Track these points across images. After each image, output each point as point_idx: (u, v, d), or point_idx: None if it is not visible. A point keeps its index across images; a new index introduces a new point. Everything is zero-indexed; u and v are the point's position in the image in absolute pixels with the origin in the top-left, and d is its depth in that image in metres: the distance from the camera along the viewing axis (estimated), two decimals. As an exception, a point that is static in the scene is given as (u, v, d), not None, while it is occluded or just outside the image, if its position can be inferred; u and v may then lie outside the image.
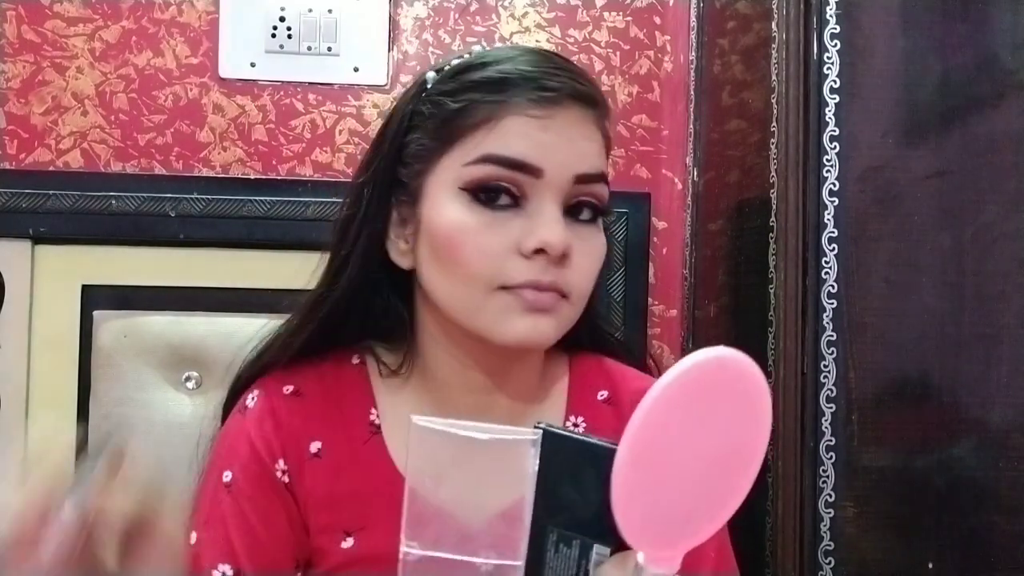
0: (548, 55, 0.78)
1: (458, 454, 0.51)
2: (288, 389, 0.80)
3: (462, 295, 0.73)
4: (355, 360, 0.83)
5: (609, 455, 0.52)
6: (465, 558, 0.51)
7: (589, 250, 0.75)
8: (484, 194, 0.72)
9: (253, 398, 0.80)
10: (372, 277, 0.79)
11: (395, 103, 0.81)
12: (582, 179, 0.73)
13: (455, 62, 0.78)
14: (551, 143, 0.72)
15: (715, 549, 0.79)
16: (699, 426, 0.51)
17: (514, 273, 0.71)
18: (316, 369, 0.81)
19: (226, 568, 0.74)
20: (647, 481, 0.51)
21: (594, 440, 0.56)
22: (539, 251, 0.71)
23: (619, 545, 0.55)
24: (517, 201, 0.72)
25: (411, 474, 0.51)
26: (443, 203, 0.73)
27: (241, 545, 0.75)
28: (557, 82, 0.73)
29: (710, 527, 0.52)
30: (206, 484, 0.79)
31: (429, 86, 0.77)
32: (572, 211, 0.74)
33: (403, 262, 0.78)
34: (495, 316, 0.72)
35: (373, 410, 0.80)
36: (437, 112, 0.75)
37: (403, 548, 0.52)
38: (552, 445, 0.54)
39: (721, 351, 0.51)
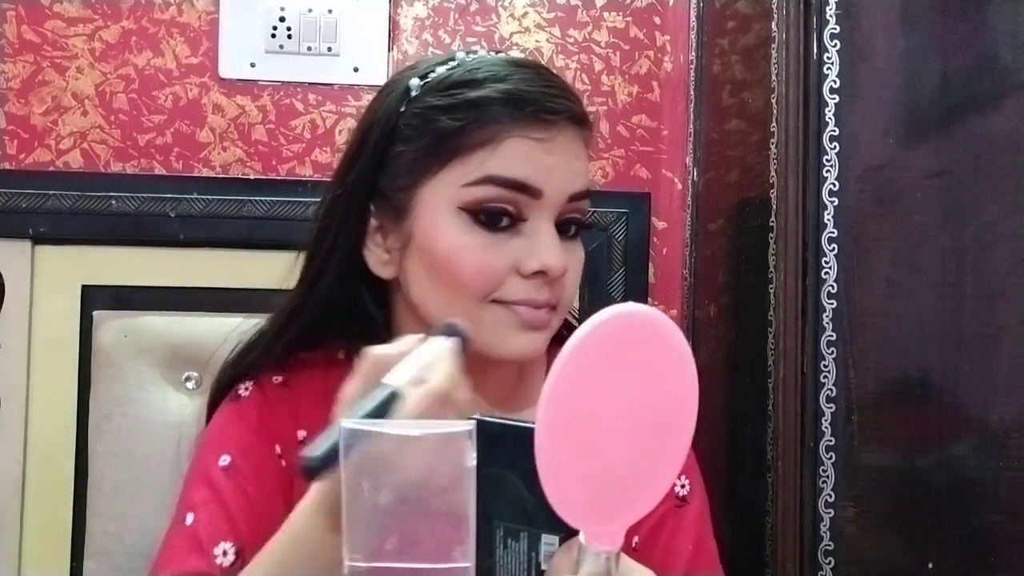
0: (540, 71, 0.78)
1: (393, 455, 0.48)
2: (277, 379, 0.82)
3: (456, 309, 0.73)
4: (340, 355, 0.83)
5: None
6: (413, 565, 0.49)
7: (576, 264, 0.78)
8: (484, 215, 0.73)
9: (247, 388, 0.82)
10: (349, 284, 0.80)
11: (374, 108, 0.80)
12: (574, 197, 0.76)
13: (440, 71, 0.77)
14: (553, 165, 0.74)
15: (693, 543, 0.80)
16: (616, 389, 0.49)
17: (511, 291, 0.74)
18: (304, 361, 0.83)
19: (227, 546, 0.74)
20: (569, 452, 0.49)
21: (526, 424, 0.53)
22: (538, 272, 0.73)
23: (568, 532, 0.53)
24: (515, 221, 0.74)
25: (346, 482, 0.48)
26: (441, 222, 0.74)
27: (245, 523, 0.75)
28: (557, 104, 0.75)
29: (649, 497, 0.51)
30: (198, 470, 0.80)
31: (414, 94, 0.76)
32: (561, 227, 0.76)
33: (384, 272, 0.79)
34: (491, 330, 0.74)
35: None
36: (430, 127, 0.75)
37: (346, 563, 0.49)
38: (487, 436, 0.51)
39: (627, 307, 0.49)
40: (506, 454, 0.54)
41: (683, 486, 0.83)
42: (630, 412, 0.49)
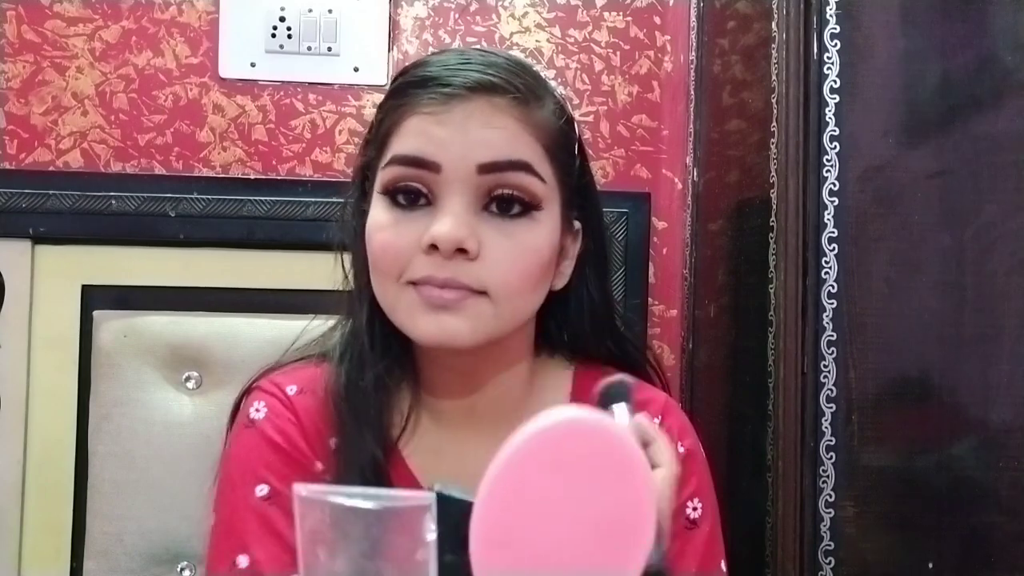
0: (474, 54, 0.77)
1: (348, 525, 0.46)
2: (292, 389, 0.80)
3: (381, 292, 0.75)
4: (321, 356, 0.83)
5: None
6: None
7: (510, 245, 0.73)
8: (400, 195, 0.74)
9: (259, 410, 0.80)
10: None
11: None
12: (487, 168, 0.72)
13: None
14: (445, 136, 0.72)
15: (697, 566, 0.79)
16: (565, 495, 0.46)
17: (415, 270, 0.72)
18: (312, 370, 0.82)
19: None
20: (507, 559, 0.46)
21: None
22: (434, 247, 0.71)
23: None
24: (429, 199, 0.73)
25: (302, 549, 0.47)
26: (372, 208, 0.76)
27: None
28: (458, 78, 0.73)
29: None
30: (235, 504, 0.77)
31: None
32: (495, 205, 0.73)
33: None
34: (405, 312, 0.73)
35: None
36: (375, 123, 0.79)
37: None
38: (448, 509, 0.49)
39: (573, 413, 0.47)
40: (463, 525, 0.50)
41: (695, 508, 0.81)
42: (575, 520, 0.46)
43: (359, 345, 0.79)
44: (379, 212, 0.75)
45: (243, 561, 0.74)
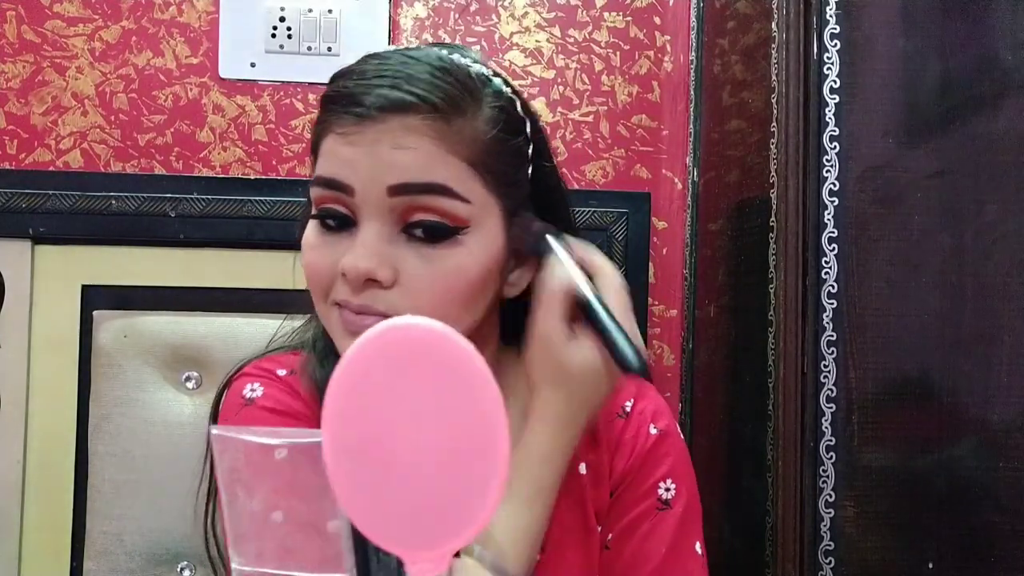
0: (395, 62, 0.71)
1: (260, 463, 0.47)
2: (282, 372, 0.81)
3: (316, 307, 0.75)
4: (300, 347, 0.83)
5: None
6: (291, 574, 0.47)
7: (429, 271, 0.70)
8: (326, 217, 0.72)
9: (252, 389, 0.79)
10: None
11: None
12: (397, 190, 0.69)
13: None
14: (355, 158, 0.69)
15: (668, 547, 0.78)
16: (409, 406, 0.45)
17: (337, 292, 0.71)
18: (294, 357, 0.82)
19: None
20: (362, 475, 0.46)
21: None
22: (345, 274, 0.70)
23: None
24: (351, 221, 0.71)
25: (223, 485, 0.48)
26: (308, 224, 0.74)
27: None
28: (372, 96, 0.69)
29: (469, 523, 0.46)
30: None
31: None
32: (414, 229, 0.70)
33: None
34: (333, 332, 0.73)
35: None
36: None
37: (233, 566, 0.48)
38: None
39: (404, 319, 0.46)
40: None
41: (668, 489, 0.80)
42: (426, 433, 0.45)
43: (323, 341, 0.79)
44: (309, 231, 0.74)
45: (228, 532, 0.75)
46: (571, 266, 0.72)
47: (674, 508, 0.80)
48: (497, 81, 0.75)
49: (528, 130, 0.76)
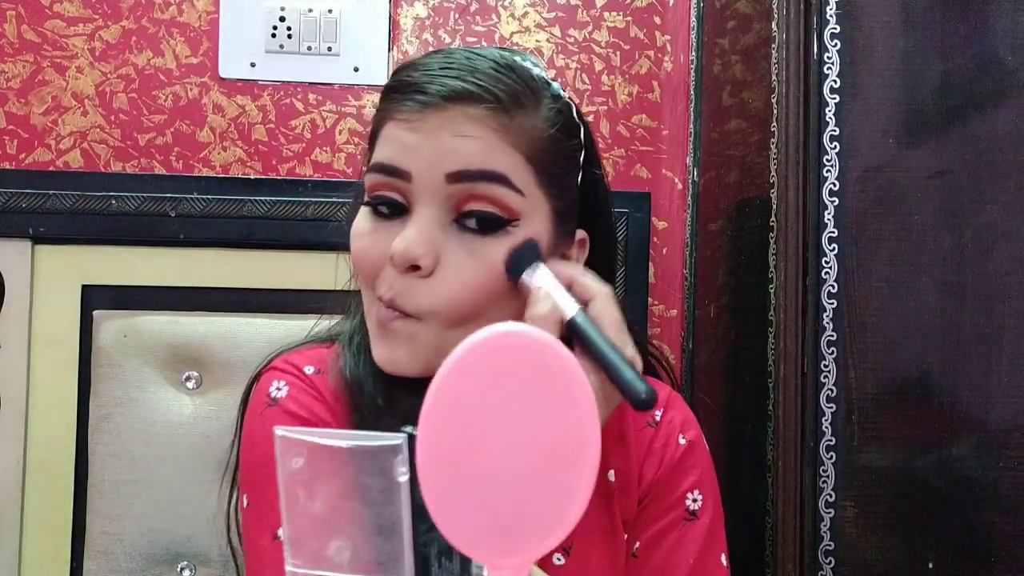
0: (460, 56, 0.73)
1: (324, 464, 0.47)
2: (310, 369, 0.80)
3: (365, 299, 0.74)
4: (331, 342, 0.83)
5: None
6: None
7: (468, 262, 0.70)
8: (379, 204, 0.72)
9: (279, 387, 0.79)
10: None
11: None
12: (456, 177, 0.69)
13: None
14: (416, 144, 0.70)
15: (695, 559, 0.78)
16: (501, 415, 0.45)
17: (379, 285, 0.71)
18: (324, 351, 0.81)
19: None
20: (454, 481, 0.45)
21: None
22: (396, 259, 0.70)
23: None
24: (404, 209, 0.72)
25: (283, 487, 0.48)
26: (359, 213, 0.75)
27: None
28: (436, 84, 0.70)
29: (553, 531, 0.46)
30: (263, 484, 0.76)
31: None
32: (466, 220, 0.71)
33: None
34: (371, 328, 0.73)
35: None
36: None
37: (288, 568, 0.48)
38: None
39: (509, 326, 0.46)
40: None
41: (695, 500, 0.80)
42: (523, 441, 0.45)
43: (364, 334, 0.78)
44: (360, 219, 0.74)
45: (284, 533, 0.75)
46: (560, 294, 0.70)
47: (701, 519, 0.80)
48: (556, 85, 0.76)
49: (582, 136, 0.77)
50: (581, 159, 0.77)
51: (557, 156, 0.74)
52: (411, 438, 0.47)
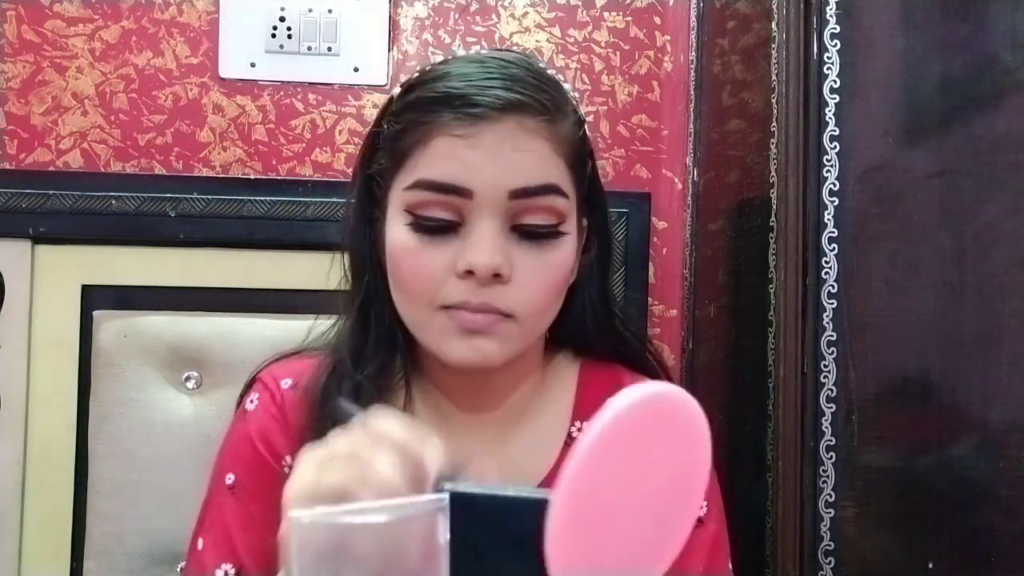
0: (495, 65, 0.74)
1: (354, 544, 0.43)
2: (287, 383, 0.81)
3: (410, 313, 0.75)
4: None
5: (536, 508, 0.44)
6: None
7: (539, 266, 0.73)
8: (423, 218, 0.72)
9: (252, 401, 0.81)
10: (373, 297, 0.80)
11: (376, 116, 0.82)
12: (518, 194, 0.71)
13: (415, 74, 0.77)
14: (478, 162, 0.70)
15: (705, 565, 0.79)
16: (639, 467, 0.45)
17: (450, 293, 0.72)
18: (309, 362, 0.82)
19: (228, 567, 0.74)
20: (588, 534, 0.45)
21: (514, 493, 0.49)
22: (470, 272, 0.71)
23: None
24: (456, 223, 0.72)
25: (301, 574, 0.44)
26: (393, 223, 0.74)
27: (244, 545, 0.75)
28: (488, 96, 0.71)
29: (658, 569, 0.47)
30: (210, 491, 0.80)
31: (394, 99, 0.78)
32: (521, 228, 0.73)
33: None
34: (438, 336, 0.73)
35: None
36: (389, 132, 0.76)
37: None
38: (464, 508, 0.46)
39: (653, 388, 0.46)
40: (491, 528, 0.48)
41: (701, 508, 0.81)
42: (648, 490, 0.46)
43: (349, 344, 0.80)
44: (404, 234, 0.73)
45: (199, 544, 0.78)
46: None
47: (707, 526, 0.81)
48: (567, 86, 0.79)
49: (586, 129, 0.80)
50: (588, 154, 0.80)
51: (582, 156, 0.78)
52: (453, 497, 0.45)
